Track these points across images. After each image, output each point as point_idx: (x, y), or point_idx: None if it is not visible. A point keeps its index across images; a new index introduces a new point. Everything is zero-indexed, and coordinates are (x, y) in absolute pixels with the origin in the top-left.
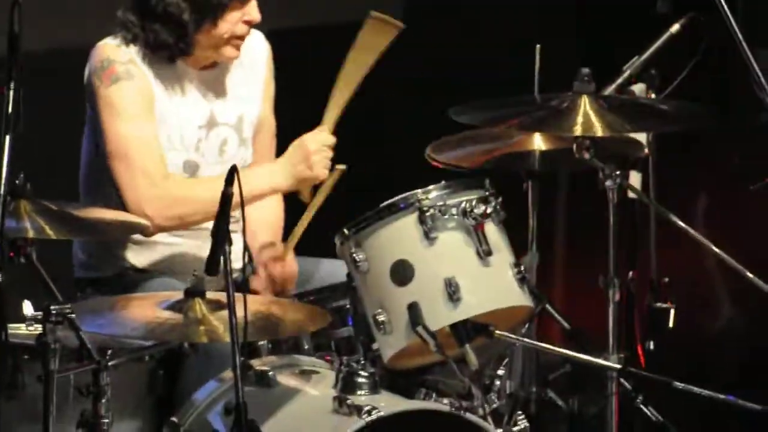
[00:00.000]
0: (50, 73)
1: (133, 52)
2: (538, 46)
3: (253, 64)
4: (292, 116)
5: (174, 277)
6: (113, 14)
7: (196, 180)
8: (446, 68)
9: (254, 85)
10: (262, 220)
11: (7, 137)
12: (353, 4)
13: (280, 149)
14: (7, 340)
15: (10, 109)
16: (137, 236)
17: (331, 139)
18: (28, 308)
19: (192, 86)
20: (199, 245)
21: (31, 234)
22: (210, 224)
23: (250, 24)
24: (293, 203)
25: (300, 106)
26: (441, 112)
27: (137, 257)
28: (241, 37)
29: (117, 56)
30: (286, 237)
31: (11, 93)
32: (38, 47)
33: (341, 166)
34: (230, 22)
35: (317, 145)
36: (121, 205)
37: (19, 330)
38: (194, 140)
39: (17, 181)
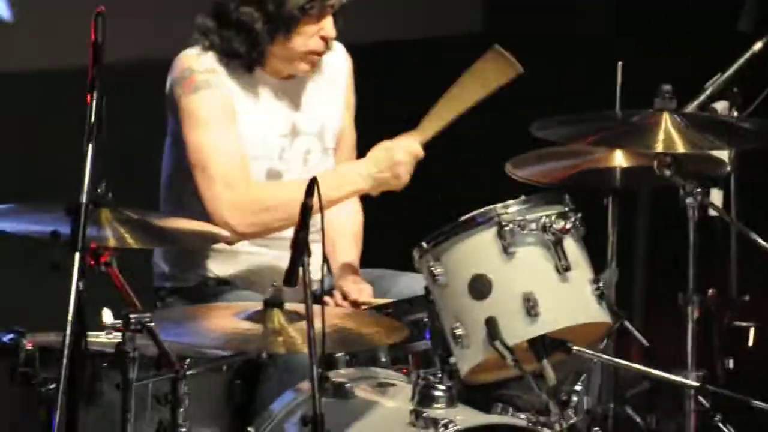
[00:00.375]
0: (133, 82)
1: (212, 60)
2: (619, 62)
3: (334, 76)
4: (370, 130)
5: (253, 288)
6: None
7: (277, 184)
8: (528, 83)
9: (335, 97)
10: (342, 228)
11: (90, 146)
12: (432, 21)
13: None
14: (86, 348)
15: (92, 118)
16: (218, 246)
17: (421, 152)
18: (107, 316)
19: (273, 95)
20: (279, 255)
21: (112, 243)
22: (287, 235)
23: (326, 40)
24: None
25: (377, 120)
26: (523, 127)
27: (218, 267)
28: (317, 53)
29: (197, 66)
30: (365, 244)
31: (94, 102)
32: (122, 57)
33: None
34: (304, 36)
35: (407, 156)
36: (202, 215)
37: (98, 338)
38: (277, 149)
39: (99, 190)
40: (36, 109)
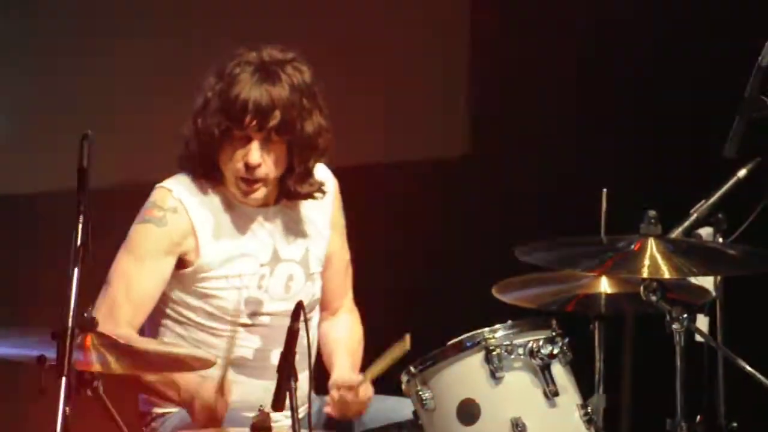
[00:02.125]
0: (119, 207)
1: (185, 194)
2: (604, 190)
3: (318, 199)
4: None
5: (240, 413)
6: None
7: (134, 340)
8: (511, 207)
9: (320, 220)
10: (340, 341)
11: (76, 270)
12: (412, 144)
13: None
14: None
15: (78, 242)
16: (202, 373)
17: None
18: None
19: (253, 224)
20: (266, 385)
21: (97, 368)
22: (276, 362)
23: (249, 166)
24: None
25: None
26: (507, 250)
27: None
28: (245, 180)
29: (163, 202)
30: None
31: (80, 226)
32: (107, 182)
33: (406, 340)
34: (231, 160)
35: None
36: (178, 340)
37: None
38: (256, 278)
39: (85, 314)
40: (21, 232)
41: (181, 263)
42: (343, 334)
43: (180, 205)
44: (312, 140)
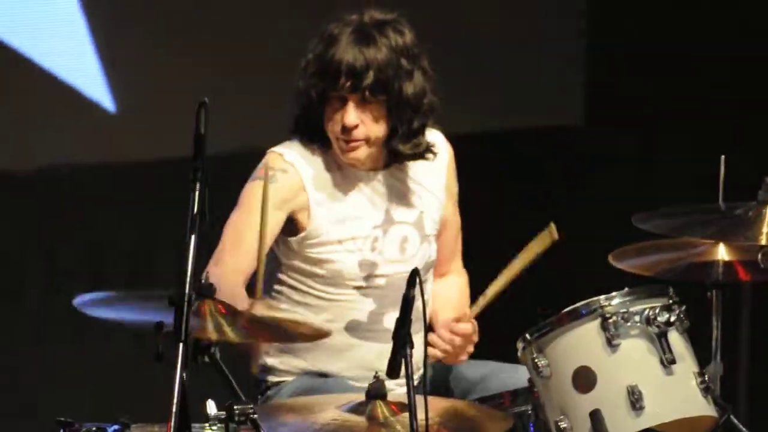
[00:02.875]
0: (236, 173)
1: (295, 156)
2: (722, 156)
3: (433, 163)
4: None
5: (354, 381)
6: None
7: (235, 297)
8: (629, 173)
9: (435, 183)
10: (446, 298)
11: (193, 237)
12: (526, 111)
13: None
14: None
15: (195, 209)
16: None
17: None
18: (211, 408)
19: (365, 188)
20: (380, 349)
21: (213, 335)
22: (390, 325)
23: (346, 128)
24: (483, 271)
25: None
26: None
27: (318, 361)
28: (344, 140)
29: (273, 163)
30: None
31: (197, 193)
32: (224, 148)
33: (552, 228)
34: (330, 122)
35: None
36: (295, 306)
37: (202, 430)
38: (369, 241)
39: (202, 281)
40: (140, 200)
41: (294, 226)
42: (451, 294)
43: (291, 167)
44: (412, 101)
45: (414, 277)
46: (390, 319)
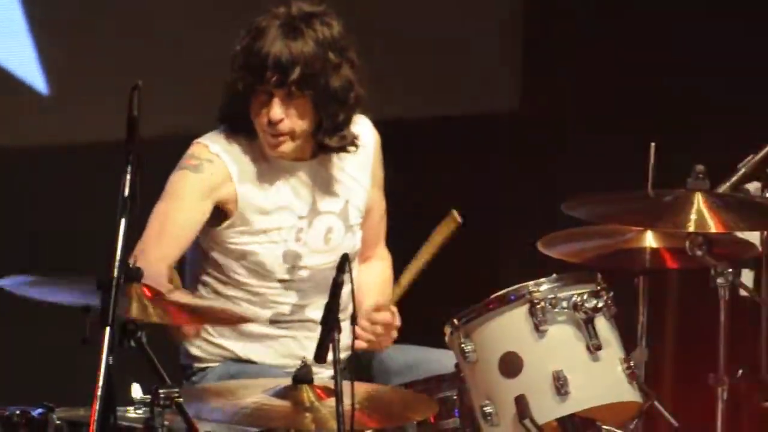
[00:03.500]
0: (167, 158)
1: (219, 149)
2: (652, 144)
3: (359, 151)
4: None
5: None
6: None
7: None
8: (559, 161)
9: (361, 172)
10: (369, 286)
11: (123, 220)
12: (463, 98)
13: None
14: (115, 422)
15: (126, 192)
16: (240, 327)
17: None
18: (136, 391)
19: (291, 178)
20: (305, 336)
21: (139, 316)
22: (313, 315)
23: (272, 122)
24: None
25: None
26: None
27: (238, 347)
28: (270, 134)
29: (198, 153)
30: None
31: (128, 176)
32: (157, 131)
33: (455, 214)
34: (257, 115)
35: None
36: (216, 297)
37: (127, 413)
38: (293, 231)
39: (131, 265)
40: (71, 182)
41: (220, 216)
42: (373, 279)
43: (216, 158)
44: (339, 94)
45: (343, 262)
46: (313, 310)
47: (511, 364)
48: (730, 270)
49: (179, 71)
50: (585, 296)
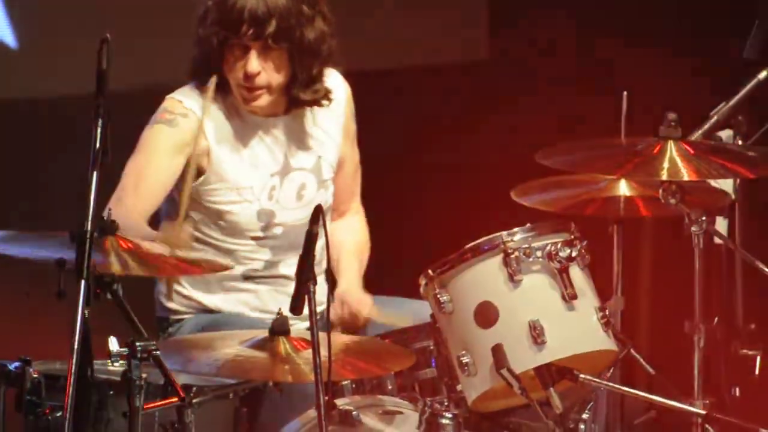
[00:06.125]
0: (139, 110)
1: (193, 103)
2: (624, 92)
3: (332, 105)
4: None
5: (254, 320)
6: None
7: (141, 229)
8: (534, 110)
9: (333, 126)
10: (346, 243)
11: (95, 173)
12: (433, 48)
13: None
14: (92, 375)
15: (97, 145)
16: (214, 281)
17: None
18: (113, 344)
19: (264, 135)
20: (276, 290)
21: (116, 269)
22: (285, 271)
23: (248, 75)
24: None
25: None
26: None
27: (212, 300)
28: (246, 88)
29: (173, 108)
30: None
31: (98, 129)
32: (129, 83)
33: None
34: (232, 69)
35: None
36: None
37: (105, 366)
38: (267, 189)
39: (104, 217)
40: (41, 136)
41: (194, 172)
42: (350, 237)
43: (191, 112)
44: (313, 47)
45: (317, 213)
46: (286, 265)
47: (486, 314)
48: (704, 218)
49: (149, 24)
50: (559, 245)
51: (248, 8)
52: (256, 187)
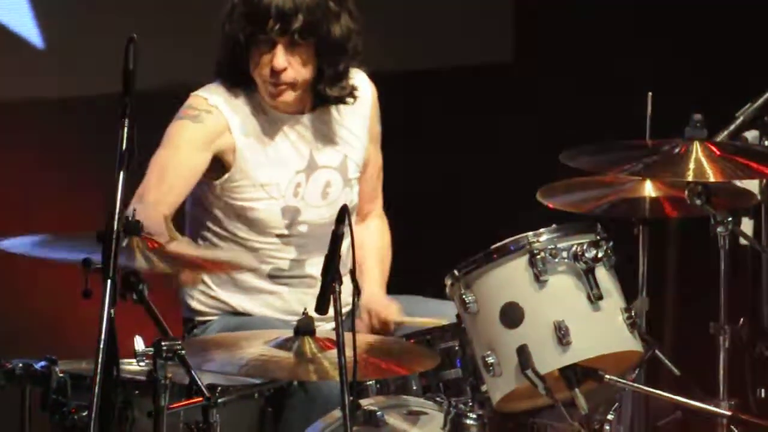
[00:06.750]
0: (165, 110)
1: (219, 100)
2: (649, 93)
3: (356, 106)
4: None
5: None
6: None
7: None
8: (559, 112)
9: (359, 126)
10: (369, 247)
11: (121, 174)
12: (457, 51)
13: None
14: (118, 375)
15: (124, 146)
16: (240, 281)
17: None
18: (139, 344)
19: (289, 132)
20: (303, 291)
21: (144, 267)
22: (311, 271)
23: (274, 71)
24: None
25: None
26: (554, 156)
27: (238, 301)
28: (272, 83)
29: (197, 104)
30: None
31: (125, 130)
32: (154, 84)
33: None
34: (258, 65)
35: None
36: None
37: (130, 365)
38: (292, 186)
39: (129, 218)
40: (70, 137)
41: (219, 168)
42: (372, 241)
43: (216, 109)
44: (339, 43)
45: (343, 213)
46: (312, 265)
47: (512, 315)
48: (730, 218)
49: (175, 25)
50: (585, 246)
51: (275, 3)
52: (282, 183)
